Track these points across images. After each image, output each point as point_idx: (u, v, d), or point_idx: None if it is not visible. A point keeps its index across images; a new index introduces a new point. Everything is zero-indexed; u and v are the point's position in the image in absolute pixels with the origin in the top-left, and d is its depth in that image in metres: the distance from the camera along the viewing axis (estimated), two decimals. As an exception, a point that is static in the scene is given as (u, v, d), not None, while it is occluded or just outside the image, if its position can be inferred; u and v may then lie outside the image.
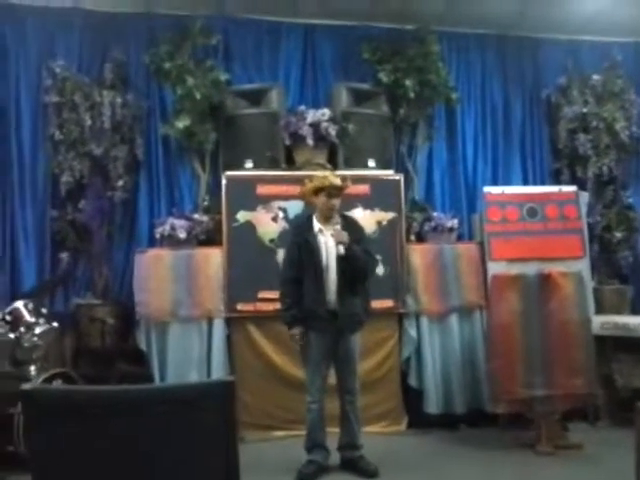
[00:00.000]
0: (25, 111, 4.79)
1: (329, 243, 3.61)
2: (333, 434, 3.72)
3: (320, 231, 3.66)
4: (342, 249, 3.51)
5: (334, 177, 3.67)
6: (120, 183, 4.75)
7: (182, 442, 1.66)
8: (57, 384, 3.58)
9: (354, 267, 3.56)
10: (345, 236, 3.53)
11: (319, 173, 3.80)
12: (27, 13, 4.84)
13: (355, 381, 3.68)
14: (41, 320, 3.86)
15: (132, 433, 1.65)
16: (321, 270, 3.57)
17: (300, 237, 3.68)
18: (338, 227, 3.58)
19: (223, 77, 4.88)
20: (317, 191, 3.65)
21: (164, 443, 1.66)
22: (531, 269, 4.28)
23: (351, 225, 3.72)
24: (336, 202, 3.65)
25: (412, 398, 4.59)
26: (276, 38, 5.22)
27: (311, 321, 3.59)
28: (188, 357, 4.36)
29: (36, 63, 4.83)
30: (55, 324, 3.98)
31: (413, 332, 4.59)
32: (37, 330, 3.78)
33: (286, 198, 4.52)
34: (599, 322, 4.44)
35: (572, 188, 4.92)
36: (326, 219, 3.67)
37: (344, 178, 3.74)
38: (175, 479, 1.64)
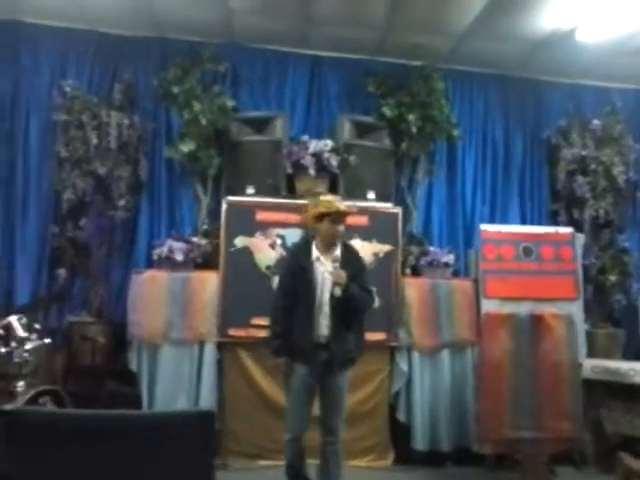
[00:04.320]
0: (34, 128, 4.89)
1: (326, 274, 3.40)
2: (314, 466, 3.60)
3: (317, 259, 3.45)
4: (339, 291, 3.32)
5: (339, 202, 3.48)
6: (122, 203, 4.80)
7: (160, 469, 1.68)
8: (45, 401, 3.57)
9: (349, 306, 3.38)
10: (343, 277, 3.33)
11: (324, 197, 3.60)
12: (42, 32, 4.97)
13: (339, 421, 3.44)
14: (33, 336, 3.85)
15: (111, 458, 1.67)
16: (314, 301, 3.38)
17: (296, 264, 3.48)
18: (337, 265, 3.37)
19: (229, 104, 4.96)
20: (321, 216, 3.43)
21: (143, 469, 1.67)
22: (524, 309, 4.30)
23: (351, 256, 3.53)
24: (341, 228, 3.44)
25: (400, 433, 4.57)
26: (283, 68, 5.33)
27: (297, 353, 3.40)
28: (178, 380, 4.36)
29: (48, 81, 4.95)
30: (47, 340, 3.97)
31: (404, 366, 4.59)
32: (28, 345, 3.76)
33: (285, 226, 4.56)
34: (590, 366, 4.45)
35: (569, 230, 4.96)
36: (327, 246, 3.47)
37: (351, 204, 3.60)
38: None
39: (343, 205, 3.48)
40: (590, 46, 4.91)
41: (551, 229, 5.02)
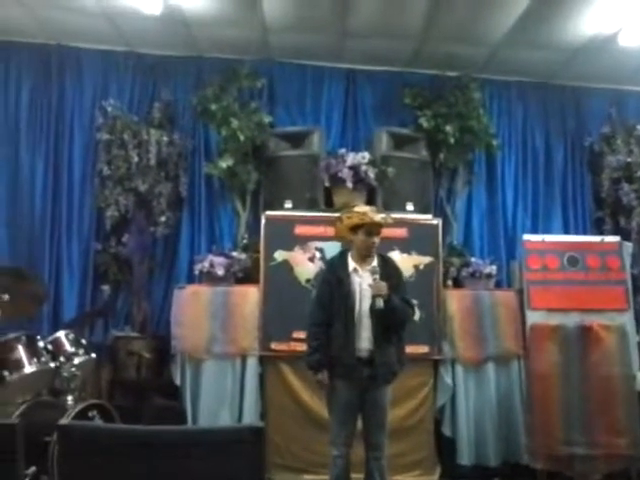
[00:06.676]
0: (77, 148, 5.02)
1: (363, 285, 3.33)
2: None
3: (355, 270, 3.38)
4: (381, 303, 3.22)
5: (374, 213, 3.41)
6: (163, 219, 4.87)
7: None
8: (92, 415, 3.61)
9: (391, 318, 3.30)
10: (384, 288, 3.24)
11: (358, 209, 3.55)
12: (84, 55, 5.12)
13: (383, 436, 3.35)
14: (80, 351, 3.93)
15: (160, 474, 1.67)
16: (352, 313, 3.30)
17: (333, 276, 3.40)
18: (377, 277, 3.29)
19: (267, 119, 5.00)
20: (355, 228, 3.37)
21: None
22: (571, 320, 4.19)
23: (390, 268, 3.45)
24: (376, 240, 3.38)
25: (446, 447, 4.48)
26: (319, 82, 5.35)
27: (338, 368, 3.30)
28: (221, 394, 4.37)
29: (90, 102, 5.08)
30: (93, 355, 4.04)
31: (449, 379, 4.51)
32: (76, 360, 3.83)
33: (324, 239, 4.53)
34: (643, 378, 4.29)
35: (615, 238, 4.83)
36: (363, 258, 3.39)
37: (385, 215, 3.53)
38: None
39: (378, 216, 3.41)
40: (634, 50, 4.80)
41: (596, 238, 4.90)
